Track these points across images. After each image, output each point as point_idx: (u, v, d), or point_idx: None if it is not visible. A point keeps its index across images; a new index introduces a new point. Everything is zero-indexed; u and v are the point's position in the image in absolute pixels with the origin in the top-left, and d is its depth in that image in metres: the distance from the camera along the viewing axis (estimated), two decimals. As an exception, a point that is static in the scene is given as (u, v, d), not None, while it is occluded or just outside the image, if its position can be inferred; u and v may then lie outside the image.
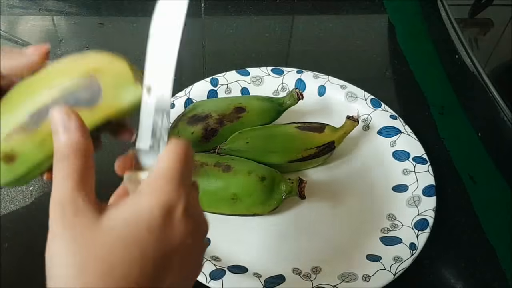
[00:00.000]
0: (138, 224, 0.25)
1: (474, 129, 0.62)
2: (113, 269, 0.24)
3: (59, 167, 0.26)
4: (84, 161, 0.26)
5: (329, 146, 0.55)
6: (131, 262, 0.24)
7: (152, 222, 0.25)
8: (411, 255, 0.47)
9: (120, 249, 0.24)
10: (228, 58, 0.72)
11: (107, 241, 0.24)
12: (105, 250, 0.24)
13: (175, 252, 0.26)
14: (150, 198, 0.25)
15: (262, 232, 0.51)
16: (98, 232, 0.24)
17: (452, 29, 0.67)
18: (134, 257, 0.24)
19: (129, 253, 0.24)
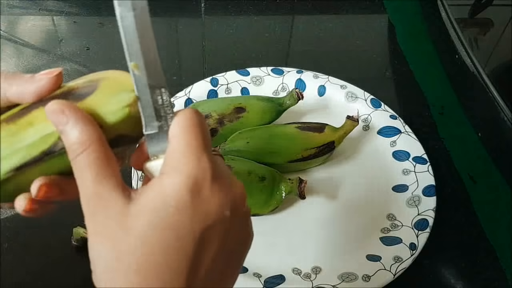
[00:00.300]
0: (167, 206, 0.23)
1: (474, 129, 0.62)
2: (148, 258, 0.23)
3: (76, 165, 0.25)
4: (97, 151, 0.24)
5: (329, 146, 0.55)
6: (168, 248, 0.23)
7: (180, 201, 0.23)
8: (411, 255, 0.47)
9: (154, 237, 0.23)
10: (228, 58, 0.72)
11: (138, 230, 0.23)
12: (137, 239, 0.23)
13: (214, 227, 0.24)
14: (173, 176, 0.24)
15: (262, 232, 0.51)
16: (127, 222, 0.23)
17: (452, 29, 0.67)
18: (170, 242, 0.23)
19: (164, 239, 0.23)
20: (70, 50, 0.72)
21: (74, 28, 0.76)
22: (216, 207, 0.24)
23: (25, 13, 0.78)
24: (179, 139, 0.25)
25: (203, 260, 0.24)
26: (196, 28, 0.78)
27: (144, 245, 0.23)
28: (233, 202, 0.25)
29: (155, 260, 0.23)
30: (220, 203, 0.24)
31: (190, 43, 0.75)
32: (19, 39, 0.73)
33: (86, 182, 0.24)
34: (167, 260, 0.23)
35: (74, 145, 0.25)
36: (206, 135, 0.25)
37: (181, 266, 0.23)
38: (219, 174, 0.25)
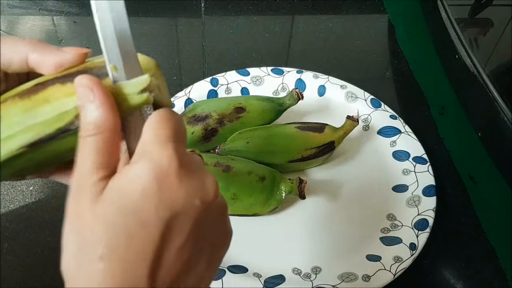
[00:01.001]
0: (133, 191, 0.24)
1: (474, 129, 0.62)
2: (113, 241, 0.23)
3: (82, 145, 0.25)
4: (108, 139, 0.25)
5: (329, 146, 0.55)
6: (132, 234, 0.23)
7: (146, 188, 0.24)
8: (411, 255, 0.47)
9: (119, 222, 0.23)
10: (228, 58, 0.72)
11: (105, 217, 0.23)
12: (104, 227, 0.23)
13: (182, 216, 0.24)
14: (139, 163, 0.24)
15: (262, 232, 0.51)
16: (95, 209, 0.24)
17: (452, 29, 0.67)
18: (134, 228, 0.23)
19: (128, 221, 0.23)
20: (70, 50, 0.72)
21: (74, 28, 0.76)
22: (184, 194, 0.24)
23: (25, 13, 0.78)
24: (148, 131, 0.25)
25: (170, 248, 0.24)
26: (196, 28, 0.78)
27: (110, 231, 0.23)
28: (203, 193, 0.25)
29: (119, 246, 0.23)
30: (188, 191, 0.25)
31: (190, 43, 0.75)
32: (19, 39, 0.73)
33: (84, 164, 0.25)
34: (132, 246, 0.23)
35: (90, 125, 0.25)
36: (176, 129, 0.26)
37: (145, 252, 0.23)
38: (188, 164, 0.25)
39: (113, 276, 0.23)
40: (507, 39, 0.63)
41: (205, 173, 0.26)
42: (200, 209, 0.25)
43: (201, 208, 0.25)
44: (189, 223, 0.24)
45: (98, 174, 0.24)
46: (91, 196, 0.24)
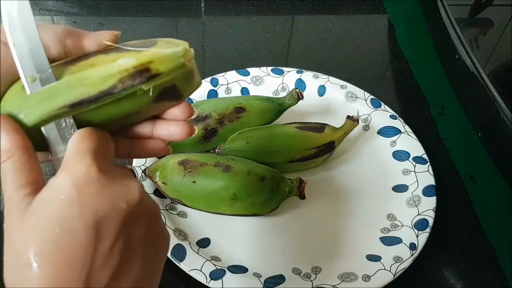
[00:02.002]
0: (56, 199, 0.25)
1: (474, 129, 0.62)
2: (43, 248, 0.24)
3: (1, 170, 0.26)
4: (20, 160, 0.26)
5: (329, 146, 0.55)
6: (60, 239, 0.24)
7: (68, 195, 0.25)
8: (411, 255, 0.47)
9: (45, 227, 0.24)
10: (228, 58, 0.72)
11: (32, 226, 0.24)
12: (32, 235, 0.24)
13: (108, 219, 0.25)
14: (61, 174, 0.26)
15: (262, 232, 0.51)
16: (25, 218, 0.25)
17: (452, 29, 0.67)
18: (60, 231, 0.24)
19: (54, 228, 0.24)
20: (70, 50, 0.72)
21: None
22: (108, 199, 0.26)
23: (25, 13, 0.78)
24: (69, 147, 0.27)
25: (99, 250, 0.25)
26: (196, 28, 0.78)
27: (38, 238, 0.24)
28: (128, 196, 0.26)
29: (49, 252, 0.24)
30: (111, 196, 0.26)
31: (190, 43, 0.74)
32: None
33: (7, 186, 0.26)
34: (60, 252, 0.24)
35: (1, 153, 0.26)
36: (97, 144, 0.27)
37: (76, 257, 0.24)
38: (110, 171, 0.27)
39: (46, 282, 0.24)
40: (507, 39, 0.63)
41: (129, 179, 0.28)
42: (125, 212, 0.26)
43: (127, 211, 0.26)
44: (115, 225, 0.25)
45: (22, 191, 0.26)
46: (18, 210, 0.25)
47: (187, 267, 0.46)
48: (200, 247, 0.49)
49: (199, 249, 0.48)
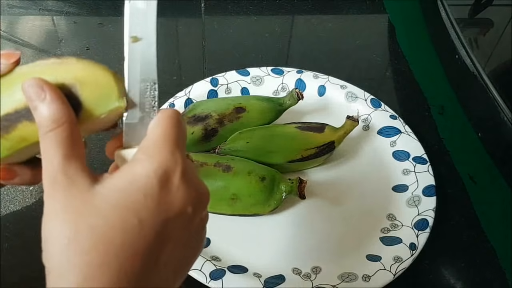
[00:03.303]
0: (135, 191, 0.24)
1: (474, 129, 0.62)
2: (107, 237, 0.23)
3: (45, 142, 0.25)
4: (69, 130, 0.25)
5: (329, 146, 0.55)
6: (128, 229, 0.23)
7: (149, 188, 0.24)
8: (411, 255, 0.47)
9: (116, 217, 0.23)
10: (228, 58, 0.72)
11: (101, 209, 0.23)
12: (99, 218, 0.23)
13: (175, 220, 0.25)
14: (146, 163, 0.24)
15: (262, 232, 0.51)
16: (91, 200, 0.24)
17: (452, 29, 0.67)
18: (131, 224, 0.23)
19: (126, 220, 0.23)
20: (70, 50, 0.72)
21: (74, 28, 0.76)
22: (180, 201, 0.25)
23: (25, 13, 0.78)
24: (158, 131, 0.26)
25: (162, 250, 0.24)
26: (196, 28, 0.78)
27: (105, 224, 0.23)
28: (197, 201, 0.26)
29: (113, 240, 0.23)
30: (184, 198, 0.25)
31: (190, 43, 0.75)
32: (19, 39, 0.73)
33: (54, 159, 0.24)
34: (126, 242, 0.23)
35: (47, 121, 0.25)
36: (182, 135, 0.26)
37: (139, 251, 0.23)
38: (189, 171, 0.26)
39: (103, 271, 0.23)
40: (507, 39, 0.63)
41: (201, 185, 0.27)
42: (191, 217, 0.26)
43: (192, 216, 0.26)
44: (179, 229, 0.25)
45: (71, 165, 0.24)
46: (78, 188, 0.24)
47: (187, 267, 0.46)
48: (200, 247, 0.49)
49: (199, 249, 0.48)
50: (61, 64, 0.26)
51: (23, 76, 0.26)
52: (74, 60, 0.26)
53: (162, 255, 0.24)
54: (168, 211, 0.24)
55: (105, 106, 0.26)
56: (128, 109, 0.27)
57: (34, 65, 0.27)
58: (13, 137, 0.26)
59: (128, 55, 0.26)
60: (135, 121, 0.27)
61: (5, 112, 0.26)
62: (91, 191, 0.24)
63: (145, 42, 0.27)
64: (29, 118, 0.26)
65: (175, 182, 0.25)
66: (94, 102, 0.26)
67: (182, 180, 0.25)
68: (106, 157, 0.29)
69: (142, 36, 0.26)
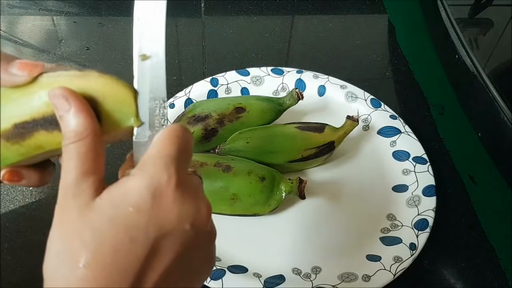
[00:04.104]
0: (126, 205, 0.24)
1: (474, 129, 0.62)
2: (99, 251, 0.23)
3: (66, 153, 0.25)
4: (91, 145, 0.25)
5: (329, 146, 0.55)
6: (119, 246, 0.23)
7: (140, 203, 0.24)
8: (411, 255, 0.47)
9: (107, 233, 0.23)
10: (228, 58, 0.72)
11: (94, 225, 0.23)
12: (92, 235, 0.23)
13: (170, 237, 0.24)
14: (139, 178, 0.24)
15: (262, 232, 0.51)
16: (88, 214, 0.24)
17: (452, 29, 0.67)
18: (121, 238, 0.23)
19: (116, 234, 0.23)
20: (70, 50, 0.72)
21: (74, 28, 0.76)
22: (175, 217, 0.24)
23: (25, 13, 0.78)
24: (156, 146, 0.25)
25: (154, 268, 0.24)
26: (196, 28, 0.78)
27: (97, 240, 0.23)
28: (195, 218, 0.25)
29: (104, 257, 0.23)
30: (180, 214, 0.24)
31: (190, 43, 0.75)
32: (19, 39, 0.73)
33: (71, 172, 0.24)
34: (116, 259, 0.23)
35: (71, 133, 0.25)
36: (183, 148, 0.26)
37: (129, 268, 0.23)
38: (186, 186, 0.25)
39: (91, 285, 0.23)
40: (507, 39, 0.63)
41: (201, 198, 0.26)
42: (190, 234, 0.25)
43: (191, 233, 0.25)
44: (176, 246, 0.24)
45: (85, 180, 0.24)
46: (80, 202, 0.24)
47: (187, 267, 0.46)
48: (200, 247, 0.49)
49: (199, 249, 0.48)
50: (82, 77, 0.26)
51: (43, 86, 0.26)
52: (96, 73, 0.26)
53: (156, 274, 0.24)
54: (162, 227, 0.24)
55: (122, 122, 0.26)
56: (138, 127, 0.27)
57: (55, 75, 0.27)
58: (28, 144, 0.27)
59: (138, 73, 0.27)
60: (145, 140, 0.27)
61: (22, 119, 0.26)
62: (90, 205, 0.24)
63: (154, 60, 0.27)
64: (46, 128, 0.26)
65: (169, 198, 0.24)
66: (113, 118, 0.26)
67: (176, 195, 0.24)
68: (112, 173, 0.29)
69: (152, 54, 0.27)
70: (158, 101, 0.27)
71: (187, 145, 0.26)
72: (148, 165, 0.25)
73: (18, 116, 0.26)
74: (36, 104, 0.26)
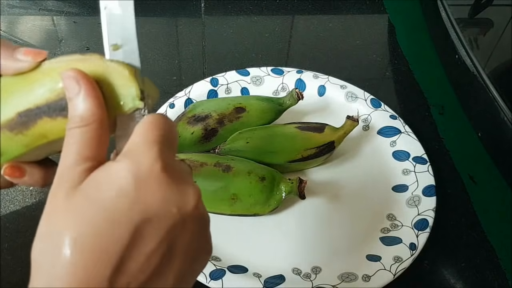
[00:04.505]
0: (110, 188, 0.23)
1: (474, 129, 0.62)
2: (81, 234, 0.23)
3: (68, 136, 0.25)
4: (95, 131, 0.25)
5: (329, 146, 0.55)
6: (102, 229, 0.23)
7: (124, 186, 0.23)
8: (411, 255, 0.47)
9: (90, 213, 0.23)
10: (228, 58, 0.72)
11: (77, 209, 0.23)
12: (74, 218, 0.23)
13: (155, 221, 0.24)
14: (121, 162, 0.24)
15: (262, 232, 0.51)
16: (72, 197, 0.23)
17: (452, 29, 0.67)
18: (104, 221, 0.23)
19: (99, 217, 0.23)
20: (70, 50, 0.72)
21: (74, 28, 0.76)
22: (160, 200, 0.24)
23: (25, 13, 0.78)
24: (138, 133, 0.25)
25: (138, 252, 0.23)
26: (196, 28, 0.78)
27: (79, 223, 0.23)
28: (181, 202, 0.25)
29: (86, 241, 0.23)
30: (164, 198, 0.24)
31: (190, 43, 0.75)
32: (19, 39, 0.73)
33: (69, 156, 0.24)
34: (98, 243, 0.23)
35: (76, 117, 0.25)
36: (167, 134, 0.26)
37: (111, 252, 0.23)
38: (172, 170, 0.25)
39: (74, 271, 0.22)
40: (507, 39, 0.63)
41: (188, 182, 0.26)
42: (176, 218, 0.24)
43: (178, 217, 0.24)
44: (162, 230, 0.24)
45: (82, 165, 0.24)
46: (69, 185, 0.24)
47: (187, 267, 0.46)
48: (200, 247, 0.49)
49: (199, 249, 0.48)
50: (84, 61, 0.26)
51: (45, 72, 0.26)
52: (98, 56, 0.26)
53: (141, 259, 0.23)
54: (145, 211, 0.23)
55: (126, 105, 0.26)
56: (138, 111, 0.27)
57: (57, 61, 0.27)
58: (33, 133, 0.27)
59: None
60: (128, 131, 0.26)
61: (25, 107, 0.26)
62: (77, 188, 0.24)
63: (126, 48, 0.26)
64: (49, 115, 0.26)
65: (153, 181, 0.24)
66: (116, 100, 0.26)
67: (161, 179, 0.24)
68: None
69: (123, 43, 0.26)
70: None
71: (171, 131, 0.26)
72: (132, 150, 0.25)
73: (21, 105, 0.26)
74: (39, 91, 0.26)
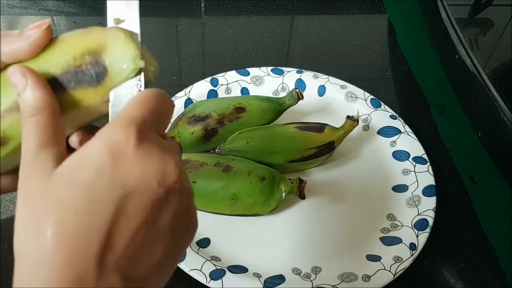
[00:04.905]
0: (86, 167, 0.23)
1: (474, 129, 0.62)
2: (62, 218, 0.22)
3: (24, 128, 0.25)
4: (49, 117, 0.25)
5: (329, 146, 0.55)
6: (83, 210, 0.22)
7: (100, 163, 0.23)
8: (411, 255, 0.47)
9: (69, 195, 0.23)
10: (228, 58, 0.72)
11: (56, 192, 0.23)
12: (54, 202, 0.23)
13: (136, 196, 0.23)
14: (97, 139, 0.24)
15: (262, 232, 0.51)
16: (48, 184, 0.23)
17: (452, 29, 0.67)
18: (83, 200, 0.22)
19: (78, 197, 0.23)
20: (70, 50, 0.72)
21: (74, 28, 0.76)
22: (139, 174, 0.23)
23: (25, 13, 0.78)
24: (121, 110, 0.25)
25: (122, 229, 0.23)
26: (196, 28, 0.78)
27: (59, 206, 0.23)
28: (162, 175, 0.24)
29: (68, 223, 0.22)
30: (144, 171, 0.24)
31: (190, 43, 0.75)
32: (19, 39, 0.73)
33: (29, 145, 0.25)
34: (81, 224, 0.22)
35: (28, 108, 0.25)
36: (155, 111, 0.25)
37: (94, 230, 0.22)
38: (152, 145, 0.24)
39: (60, 255, 0.22)
40: (507, 39, 0.63)
41: (170, 156, 0.25)
42: (158, 192, 0.24)
43: (160, 192, 0.24)
44: (144, 205, 0.23)
45: (45, 151, 0.24)
46: (41, 173, 0.24)
47: (187, 267, 0.46)
48: (200, 247, 0.49)
49: (199, 249, 0.48)
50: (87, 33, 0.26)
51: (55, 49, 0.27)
52: (99, 28, 0.26)
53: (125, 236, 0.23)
54: (125, 186, 0.23)
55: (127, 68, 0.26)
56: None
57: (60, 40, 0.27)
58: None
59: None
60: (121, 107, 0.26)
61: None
62: (51, 175, 0.23)
63: (127, 23, 0.26)
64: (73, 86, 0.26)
65: (130, 156, 0.23)
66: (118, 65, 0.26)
67: (139, 153, 0.24)
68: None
69: (125, 17, 0.26)
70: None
71: (160, 107, 0.26)
72: (107, 127, 0.24)
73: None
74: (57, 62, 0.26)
